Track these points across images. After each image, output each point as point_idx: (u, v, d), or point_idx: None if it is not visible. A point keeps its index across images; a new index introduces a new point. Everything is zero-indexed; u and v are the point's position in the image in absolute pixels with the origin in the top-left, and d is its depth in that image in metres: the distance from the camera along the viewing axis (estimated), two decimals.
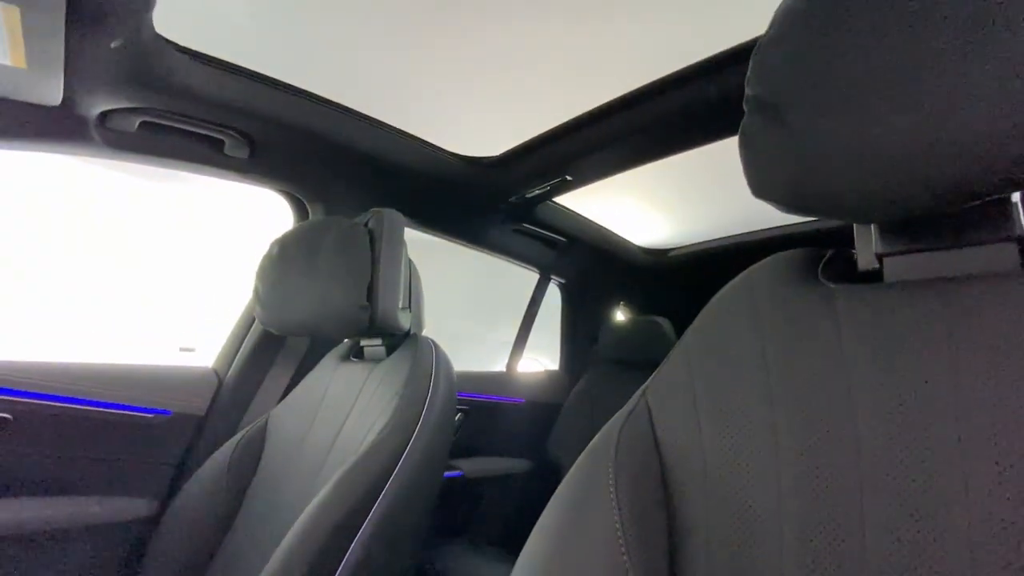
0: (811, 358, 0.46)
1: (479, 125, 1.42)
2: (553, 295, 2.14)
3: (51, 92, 0.83)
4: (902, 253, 0.46)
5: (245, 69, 1.00)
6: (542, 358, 3.26)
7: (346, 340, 1.14)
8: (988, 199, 0.38)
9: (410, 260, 1.09)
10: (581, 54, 1.21)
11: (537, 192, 1.46)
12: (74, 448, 1.07)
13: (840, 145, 0.39)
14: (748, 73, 0.47)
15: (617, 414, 0.53)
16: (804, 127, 0.41)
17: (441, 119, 1.39)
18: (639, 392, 0.54)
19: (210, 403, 1.22)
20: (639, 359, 1.78)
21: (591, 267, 2.05)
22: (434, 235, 1.64)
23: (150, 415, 1.15)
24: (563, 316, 2.15)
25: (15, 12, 0.65)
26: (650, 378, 0.55)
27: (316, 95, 1.11)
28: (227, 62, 0.97)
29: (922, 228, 0.45)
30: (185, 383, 1.21)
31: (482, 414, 1.74)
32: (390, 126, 1.25)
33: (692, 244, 2.11)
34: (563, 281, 2.08)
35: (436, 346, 0.98)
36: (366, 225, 1.03)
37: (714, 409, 0.49)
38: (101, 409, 1.09)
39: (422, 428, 0.85)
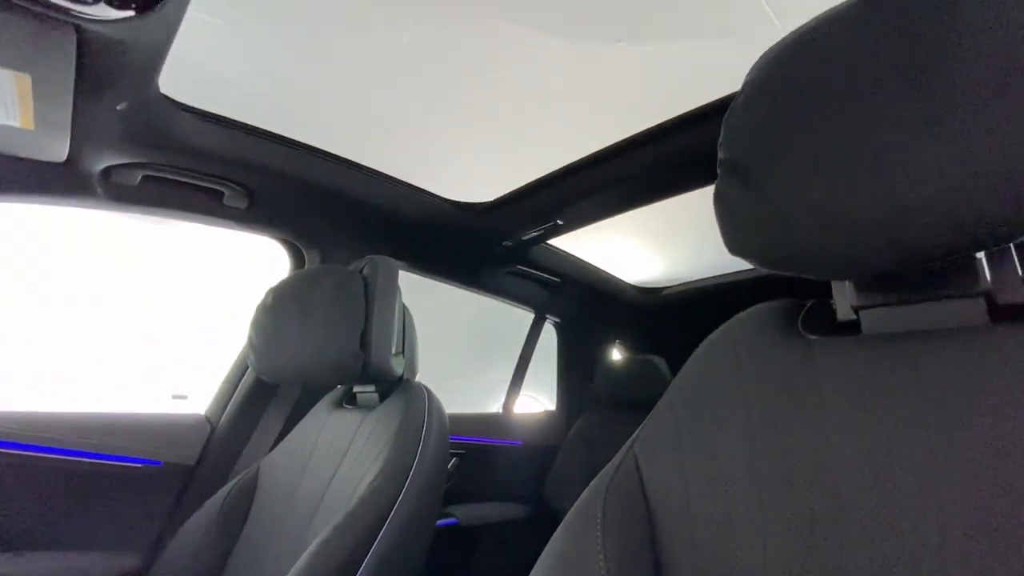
0: (792, 410, 0.47)
1: (472, 172, 1.46)
2: (549, 334, 2.15)
3: (57, 150, 0.86)
4: (877, 306, 0.48)
5: (244, 124, 1.04)
6: (540, 396, 3.24)
7: (339, 386, 1.14)
8: (954, 257, 0.40)
9: (404, 305, 1.10)
10: (572, 104, 1.26)
11: (530, 236, 1.49)
12: (61, 501, 1.05)
13: (807, 208, 0.41)
14: (720, 136, 0.49)
15: (605, 468, 0.53)
16: (773, 190, 0.43)
17: (435, 167, 1.43)
18: (627, 444, 0.54)
19: (201, 451, 1.21)
20: (635, 399, 1.77)
21: (586, 306, 2.07)
22: (430, 278, 1.66)
23: (140, 465, 1.13)
24: (559, 355, 2.15)
25: (26, 79, 0.68)
26: (638, 430, 0.56)
27: (312, 147, 1.15)
28: (226, 117, 1.01)
29: (896, 282, 0.47)
30: (177, 431, 1.20)
31: (478, 458, 1.71)
32: (385, 174, 1.28)
33: (686, 282, 2.13)
34: (558, 320, 2.09)
35: (429, 392, 0.98)
36: (361, 272, 1.05)
37: (700, 460, 0.49)
38: (90, 460, 1.07)
39: (414, 478, 0.84)
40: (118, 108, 0.79)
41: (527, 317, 2.06)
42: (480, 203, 1.45)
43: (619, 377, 1.84)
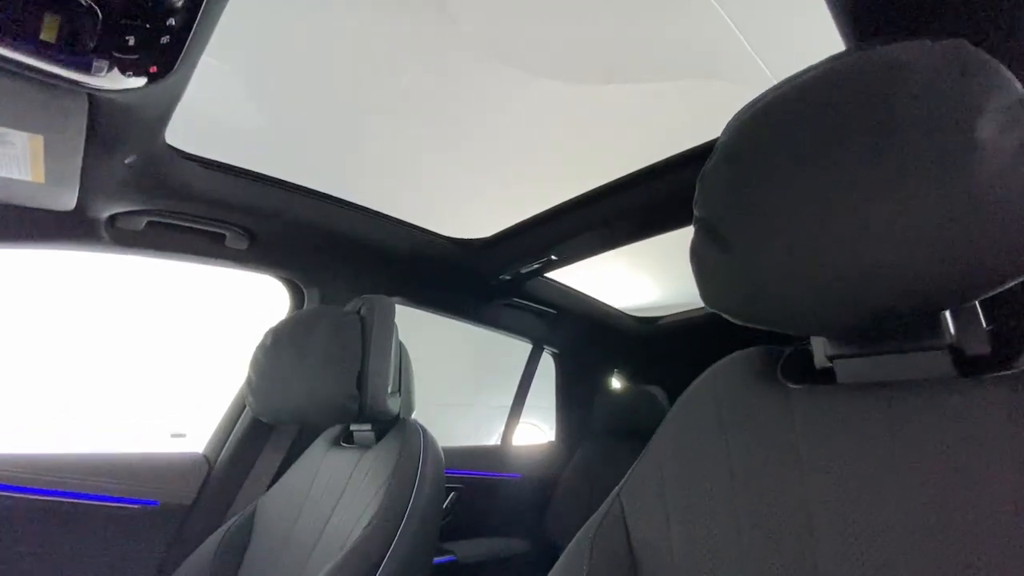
0: (770, 459, 0.48)
1: (469, 210, 1.50)
2: (551, 363, 2.16)
3: (65, 201, 0.89)
4: (851, 356, 0.50)
5: (244, 169, 1.07)
6: (540, 423, 3.21)
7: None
8: (919, 315, 0.42)
9: (400, 343, 1.12)
10: (566, 144, 1.31)
11: (525, 271, 1.51)
12: (59, 544, 1.05)
13: (775, 268, 0.44)
14: (695, 195, 0.52)
15: (592, 518, 0.54)
16: (743, 250, 0.46)
17: (433, 205, 1.47)
18: (614, 493, 0.55)
19: (199, 491, 1.21)
20: (634, 429, 1.77)
21: (583, 337, 2.08)
22: (428, 312, 1.68)
23: (137, 506, 1.13)
24: (557, 386, 2.16)
25: (39, 140, 0.72)
26: (625, 476, 0.57)
27: (311, 189, 1.19)
28: (228, 164, 1.05)
29: (868, 334, 0.49)
30: (175, 471, 1.20)
31: (477, 492, 1.70)
32: (383, 214, 1.32)
33: (682, 312, 2.15)
34: (556, 351, 2.10)
35: (424, 431, 0.99)
36: (358, 312, 1.07)
37: (683, 507, 0.51)
38: (89, 502, 1.08)
39: (410, 518, 0.85)
40: (126, 162, 0.82)
41: (527, 344, 2.07)
42: (477, 239, 1.49)
43: (618, 408, 1.84)
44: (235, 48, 0.96)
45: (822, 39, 0.67)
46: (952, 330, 0.45)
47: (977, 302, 0.45)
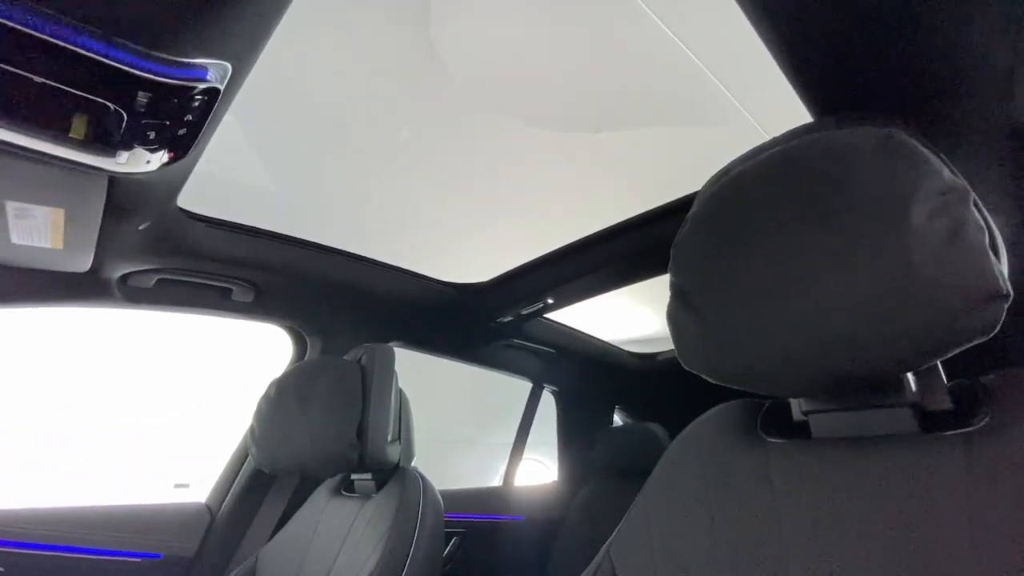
0: (749, 511, 0.51)
1: (466, 256, 1.55)
2: (552, 401, 2.17)
3: (80, 264, 0.94)
4: (823, 411, 0.53)
5: (251, 227, 1.13)
6: (545, 459, 3.18)
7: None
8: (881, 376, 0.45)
9: (400, 390, 1.14)
10: (562, 190, 1.36)
11: (523, 313, 1.55)
12: None
13: (742, 334, 0.47)
14: (670, 262, 0.56)
15: (584, 573, 0.56)
16: (712, 316, 0.49)
17: (431, 252, 1.52)
18: (604, 548, 0.57)
19: (201, 542, 1.21)
20: (636, 468, 1.76)
21: (582, 374, 2.10)
22: (429, 354, 1.71)
23: (139, 559, 1.14)
24: (559, 425, 2.16)
25: (60, 213, 0.77)
26: (615, 532, 0.59)
27: (313, 242, 1.24)
28: (234, 223, 1.10)
29: (838, 391, 0.52)
30: (178, 522, 1.21)
31: (480, 536, 1.69)
32: (383, 263, 1.36)
33: None
34: (556, 390, 2.12)
35: (424, 480, 1.01)
36: (359, 361, 1.10)
37: (669, 559, 0.53)
38: (92, 556, 1.08)
39: (410, 569, 0.86)
40: (140, 228, 0.87)
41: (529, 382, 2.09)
42: (475, 283, 1.53)
43: (619, 446, 1.84)
44: (237, 108, 1.02)
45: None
46: (914, 388, 0.48)
47: (938, 362, 0.48)
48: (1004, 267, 0.42)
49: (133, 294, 1.09)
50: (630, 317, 2.17)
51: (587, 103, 1.13)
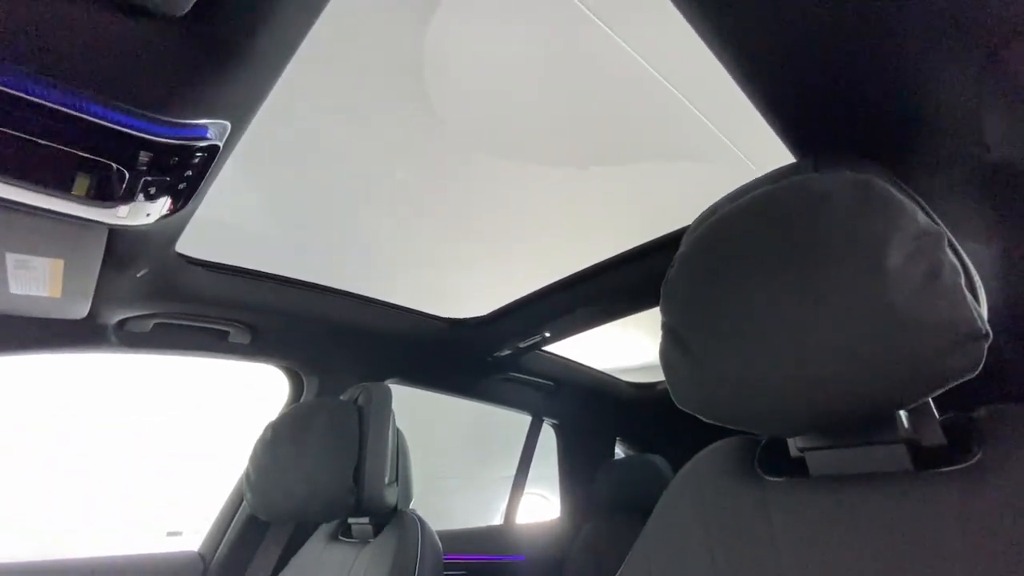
0: (749, 552, 0.50)
1: (462, 291, 1.56)
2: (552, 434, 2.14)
3: (78, 311, 0.94)
4: (819, 449, 0.53)
5: (248, 269, 1.14)
6: (547, 493, 3.11)
7: None
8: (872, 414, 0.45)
9: (398, 430, 1.13)
10: (557, 225, 1.38)
11: (521, 347, 1.55)
12: None
13: (731, 375, 0.48)
14: (661, 301, 0.57)
15: None
16: (701, 357, 0.50)
17: (427, 288, 1.53)
18: None
19: None
20: (639, 502, 1.73)
21: (582, 406, 2.08)
22: (426, 390, 1.70)
23: None
24: (559, 459, 2.13)
25: (59, 263, 0.78)
26: (618, 572, 0.58)
27: (310, 283, 1.25)
28: (232, 266, 1.11)
29: (831, 429, 0.52)
30: (170, 572, 1.18)
31: None
32: (379, 300, 1.37)
33: None
34: (556, 423, 2.10)
35: (422, 523, 0.99)
36: (355, 401, 1.09)
37: None
38: None
39: None
40: (138, 275, 0.88)
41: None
42: (471, 319, 1.53)
43: (621, 480, 1.81)
44: (235, 154, 1.05)
45: None
46: (906, 424, 0.49)
47: (929, 398, 0.48)
48: (983, 307, 0.43)
49: (129, 339, 1.09)
50: (626, 345, 2.17)
51: (578, 141, 1.16)
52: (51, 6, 0.41)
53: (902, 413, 0.49)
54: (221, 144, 0.55)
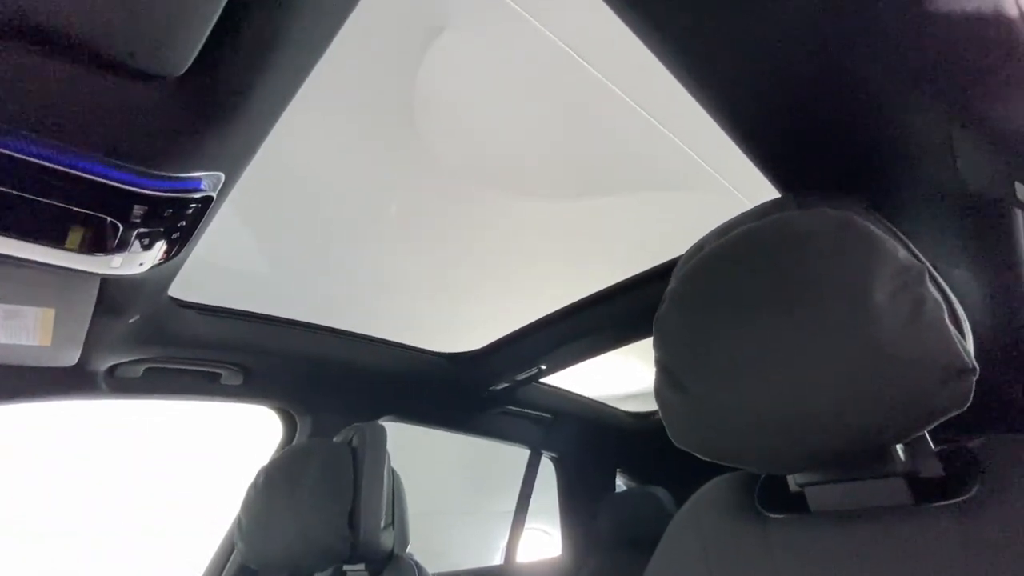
0: None
1: (457, 325, 1.55)
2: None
3: (68, 359, 0.93)
4: (819, 483, 0.52)
5: (239, 311, 1.13)
6: (547, 527, 3.03)
7: None
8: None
9: (393, 470, 1.11)
10: (550, 257, 1.39)
11: (517, 379, 1.54)
12: None
13: (727, 413, 0.48)
14: (653, 337, 0.57)
15: None
16: (698, 395, 0.50)
17: (420, 323, 1.52)
18: None
19: None
20: (641, 536, 1.69)
21: (580, 438, 2.05)
22: (422, 427, 1.68)
23: None
24: (560, 494, 2.08)
25: (50, 312, 0.78)
26: None
27: (302, 322, 1.24)
28: (223, 308, 1.11)
29: (829, 464, 0.52)
30: None
31: None
32: (372, 337, 1.37)
33: None
34: (555, 455, 2.06)
35: (419, 569, 0.96)
36: (350, 443, 1.07)
37: None
38: None
39: None
40: (130, 322, 0.88)
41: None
42: (466, 353, 1.53)
43: (623, 515, 1.78)
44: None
45: None
46: (903, 457, 0.49)
47: (927, 432, 0.48)
48: (968, 341, 0.44)
49: (120, 385, 1.08)
50: (623, 373, 2.15)
51: (569, 174, 1.18)
52: (47, 67, 0.42)
53: (899, 446, 0.49)
54: (215, 194, 0.56)
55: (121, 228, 0.53)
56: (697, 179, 1.18)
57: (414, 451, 1.44)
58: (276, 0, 0.41)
